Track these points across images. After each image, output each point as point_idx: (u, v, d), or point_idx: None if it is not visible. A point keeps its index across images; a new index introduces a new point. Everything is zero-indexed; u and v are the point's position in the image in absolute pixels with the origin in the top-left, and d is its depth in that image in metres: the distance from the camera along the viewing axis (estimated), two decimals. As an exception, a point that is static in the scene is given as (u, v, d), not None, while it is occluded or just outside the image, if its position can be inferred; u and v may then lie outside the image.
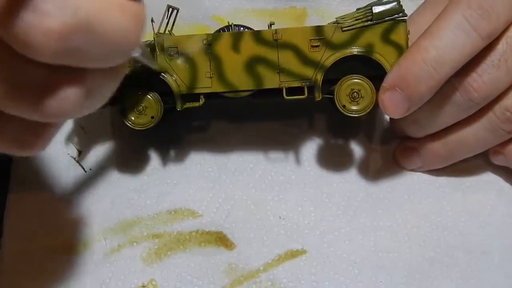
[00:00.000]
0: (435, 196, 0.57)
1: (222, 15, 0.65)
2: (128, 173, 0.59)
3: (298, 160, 0.59)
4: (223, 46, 0.53)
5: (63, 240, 0.56)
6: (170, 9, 0.56)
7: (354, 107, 0.53)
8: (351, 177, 0.58)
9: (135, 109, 0.54)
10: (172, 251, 0.55)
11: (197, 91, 0.54)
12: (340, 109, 0.53)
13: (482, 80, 0.51)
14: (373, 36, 0.52)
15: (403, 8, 0.52)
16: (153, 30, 0.53)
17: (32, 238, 0.56)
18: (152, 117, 0.54)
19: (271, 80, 0.53)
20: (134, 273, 0.54)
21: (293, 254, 0.55)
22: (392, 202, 0.57)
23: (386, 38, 0.52)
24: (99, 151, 0.59)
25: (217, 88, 0.53)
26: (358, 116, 0.53)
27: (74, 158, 0.59)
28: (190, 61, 0.53)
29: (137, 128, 0.54)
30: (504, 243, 0.55)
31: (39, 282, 0.54)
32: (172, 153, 0.60)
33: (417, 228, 0.56)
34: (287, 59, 0.53)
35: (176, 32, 0.57)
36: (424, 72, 0.50)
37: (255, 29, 0.54)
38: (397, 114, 0.51)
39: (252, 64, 0.53)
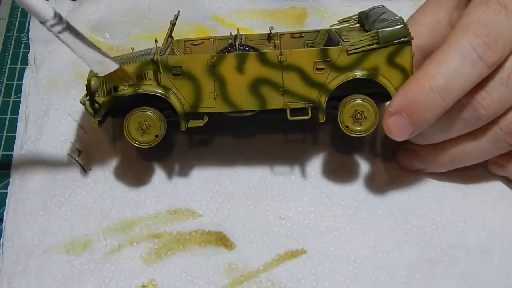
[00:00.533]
0: (435, 196, 0.57)
1: (222, 15, 0.65)
2: (128, 173, 0.59)
3: (299, 163, 0.59)
4: (228, 67, 0.52)
5: (63, 240, 0.55)
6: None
7: (357, 128, 0.53)
8: (351, 177, 0.58)
9: (139, 128, 0.53)
10: (172, 251, 0.55)
11: (201, 110, 0.53)
12: (343, 129, 0.53)
13: (491, 98, 0.51)
14: (378, 59, 0.52)
15: (409, 31, 0.52)
16: (157, 50, 0.53)
17: (32, 238, 0.56)
18: (156, 136, 0.54)
19: (275, 101, 0.53)
20: (134, 273, 0.54)
21: (293, 254, 0.55)
22: (392, 202, 0.57)
23: (391, 61, 0.52)
24: (99, 151, 0.59)
25: (221, 108, 0.53)
26: (361, 136, 0.53)
27: (74, 158, 0.59)
28: (194, 81, 0.52)
29: (141, 146, 0.54)
30: (504, 243, 0.55)
31: (40, 282, 0.54)
32: (172, 153, 0.60)
33: (417, 228, 0.56)
34: (292, 81, 0.52)
35: (177, 32, 0.57)
36: (431, 100, 0.50)
37: (255, 29, 0.55)
38: (401, 138, 0.52)
39: (256, 85, 0.52)
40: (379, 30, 0.51)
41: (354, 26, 0.58)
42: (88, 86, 0.53)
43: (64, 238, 0.56)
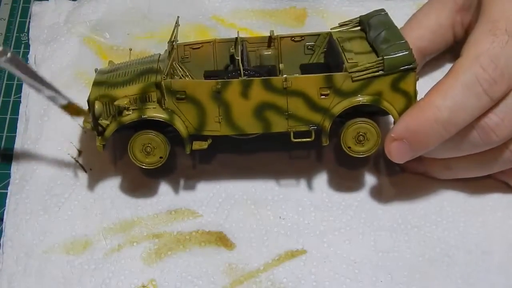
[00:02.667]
0: (435, 196, 0.57)
1: (222, 15, 0.65)
2: (128, 173, 0.59)
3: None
4: (233, 93, 0.52)
5: (63, 240, 0.55)
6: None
7: (359, 149, 0.53)
8: (352, 177, 0.58)
9: (143, 150, 0.54)
10: (172, 251, 0.55)
11: (205, 133, 0.53)
12: (346, 150, 0.53)
13: (504, 124, 0.51)
14: (382, 85, 0.52)
15: (414, 57, 0.51)
16: (163, 72, 0.52)
17: (33, 238, 0.56)
18: (161, 157, 0.54)
19: (279, 125, 0.53)
20: (134, 273, 0.54)
21: (293, 254, 0.55)
22: (392, 202, 0.57)
23: (395, 86, 0.52)
24: (99, 151, 0.59)
25: (225, 131, 0.53)
26: (363, 157, 0.53)
27: (74, 158, 0.59)
28: (198, 105, 0.52)
29: (146, 167, 0.54)
30: (504, 243, 0.55)
31: (40, 282, 0.54)
32: (173, 153, 0.60)
33: (417, 228, 0.56)
34: (296, 106, 0.52)
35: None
36: (435, 131, 0.50)
37: (255, 29, 0.55)
38: (400, 161, 0.53)
39: (261, 110, 0.52)
40: (385, 57, 0.51)
41: (355, 30, 0.58)
42: (91, 110, 0.53)
43: (64, 238, 0.56)
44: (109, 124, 0.53)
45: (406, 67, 0.51)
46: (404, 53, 0.51)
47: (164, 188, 0.58)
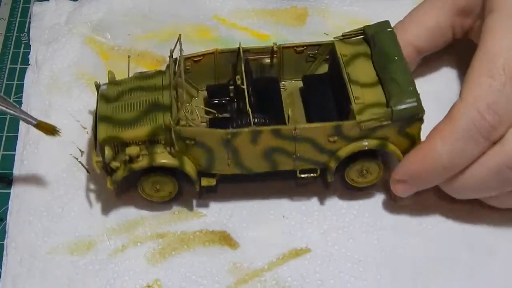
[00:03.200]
0: (440, 195, 0.57)
1: (223, 15, 0.65)
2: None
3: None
4: (242, 141, 0.52)
5: (67, 241, 0.55)
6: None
7: (361, 180, 0.55)
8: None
9: (153, 187, 0.55)
10: (177, 250, 0.55)
11: (214, 172, 0.54)
12: (348, 181, 0.55)
13: None
14: (389, 131, 0.53)
15: (422, 107, 0.52)
16: (172, 118, 0.52)
17: (36, 239, 0.55)
18: (170, 192, 0.56)
19: (286, 164, 0.54)
20: (138, 273, 0.54)
21: (297, 253, 0.55)
22: (395, 201, 0.57)
23: (401, 131, 0.53)
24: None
25: (234, 171, 0.54)
26: (364, 187, 0.56)
27: (77, 159, 0.59)
28: (208, 150, 0.53)
29: (156, 201, 0.55)
30: (508, 243, 0.55)
31: (44, 283, 0.53)
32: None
33: (421, 227, 0.56)
34: (304, 149, 0.53)
35: (178, 32, 0.56)
36: (435, 173, 0.52)
37: (256, 29, 0.54)
38: (404, 196, 0.55)
39: (269, 153, 0.53)
40: (394, 109, 0.51)
41: (358, 40, 0.58)
42: (101, 153, 0.53)
43: (68, 239, 0.56)
44: (119, 168, 0.53)
45: (415, 116, 0.52)
46: (413, 104, 0.52)
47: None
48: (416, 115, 0.52)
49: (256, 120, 0.52)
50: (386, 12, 0.54)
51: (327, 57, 0.59)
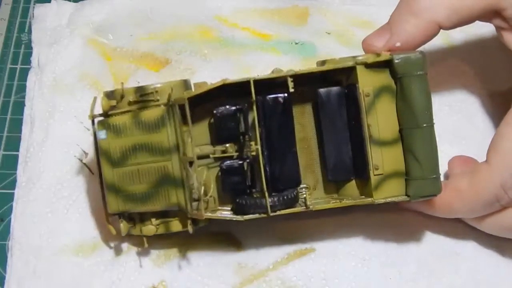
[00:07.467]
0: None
1: (224, 15, 0.65)
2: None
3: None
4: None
5: (72, 242, 0.56)
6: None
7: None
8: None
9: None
10: (182, 251, 0.55)
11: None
12: None
13: None
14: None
15: (440, 187, 0.50)
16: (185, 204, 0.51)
17: (41, 241, 0.56)
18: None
19: None
20: (144, 274, 0.54)
21: (302, 252, 0.55)
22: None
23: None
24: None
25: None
26: None
27: (81, 160, 0.59)
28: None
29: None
30: (512, 240, 0.56)
31: (49, 284, 0.54)
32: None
33: (425, 225, 0.56)
34: None
35: (179, 32, 0.56)
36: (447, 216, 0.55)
37: (258, 29, 0.54)
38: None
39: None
40: (411, 195, 0.49)
41: (382, 72, 0.50)
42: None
43: (73, 240, 0.56)
44: (135, 229, 0.53)
45: (431, 195, 0.50)
46: (432, 192, 0.50)
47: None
48: (433, 195, 0.50)
49: (271, 204, 0.49)
50: (387, 12, 0.54)
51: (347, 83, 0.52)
